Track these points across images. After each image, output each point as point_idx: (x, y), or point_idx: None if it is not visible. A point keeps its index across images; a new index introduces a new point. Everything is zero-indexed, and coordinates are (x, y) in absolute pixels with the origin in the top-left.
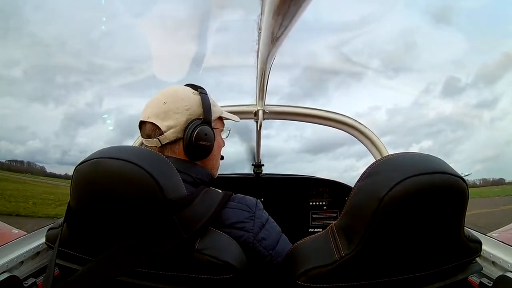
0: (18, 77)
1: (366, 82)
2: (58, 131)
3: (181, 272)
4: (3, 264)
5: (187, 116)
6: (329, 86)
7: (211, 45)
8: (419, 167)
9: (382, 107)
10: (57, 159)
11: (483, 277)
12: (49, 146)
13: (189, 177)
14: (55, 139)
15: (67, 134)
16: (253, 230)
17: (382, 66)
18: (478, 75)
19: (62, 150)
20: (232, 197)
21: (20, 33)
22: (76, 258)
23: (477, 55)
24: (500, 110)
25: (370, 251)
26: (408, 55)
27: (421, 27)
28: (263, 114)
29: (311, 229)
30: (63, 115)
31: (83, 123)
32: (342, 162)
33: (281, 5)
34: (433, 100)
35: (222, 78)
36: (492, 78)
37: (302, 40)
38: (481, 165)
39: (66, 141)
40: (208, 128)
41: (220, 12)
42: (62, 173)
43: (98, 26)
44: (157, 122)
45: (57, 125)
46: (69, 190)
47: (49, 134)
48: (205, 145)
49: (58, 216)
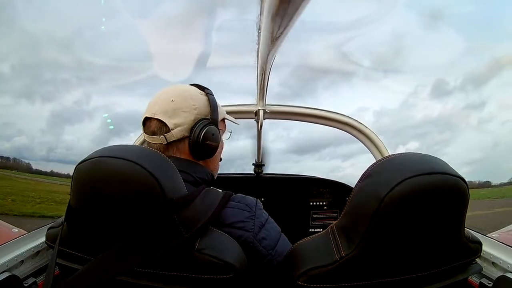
0: (6, 72)
1: (355, 83)
2: (44, 128)
3: (181, 272)
4: (3, 264)
5: (195, 115)
6: (318, 86)
7: (212, 45)
8: (420, 167)
9: (369, 108)
10: (43, 156)
11: (483, 277)
12: (36, 143)
13: (190, 177)
14: (42, 136)
15: (53, 131)
16: (253, 229)
17: (371, 68)
18: (466, 78)
19: (48, 147)
20: (232, 197)
21: (9, 27)
22: (76, 258)
23: (466, 59)
24: (487, 113)
25: (370, 251)
26: (398, 57)
27: (412, 30)
28: (263, 114)
29: (311, 229)
30: (50, 112)
31: (70, 121)
32: (328, 163)
33: (280, 6)
34: (421, 102)
35: (222, 78)
36: (480, 82)
37: (294, 40)
38: (468, 167)
39: (53, 139)
40: (215, 129)
41: (220, 12)
42: (48, 170)
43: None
44: (164, 119)
45: (44, 122)
46: (53, 187)
47: (36, 131)
48: (212, 145)
49: (35, 214)
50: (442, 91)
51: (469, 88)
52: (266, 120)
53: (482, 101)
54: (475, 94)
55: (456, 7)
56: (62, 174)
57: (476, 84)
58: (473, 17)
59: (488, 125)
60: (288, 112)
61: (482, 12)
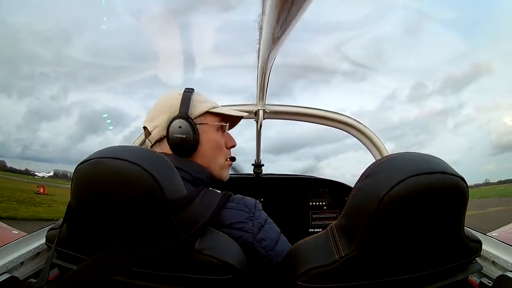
0: None
1: (334, 84)
2: (20, 124)
3: (180, 273)
4: (3, 265)
5: (169, 114)
6: (295, 86)
7: (212, 45)
8: (419, 167)
9: (346, 109)
10: (18, 153)
11: (483, 276)
12: (11, 140)
13: (189, 175)
14: (17, 132)
15: (29, 127)
16: (253, 230)
17: (350, 70)
18: (445, 82)
19: (24, 144)
20: (231, 198)
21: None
22: (75, 259)
23: (446, 64)
24: (463, 116)
25: (370, 251)
26: (378, 60)
27: (393, 34)
28: (263, 113)
29: (311, 229)
30: (26, 107)
31: (47, 117)
32: (303, 163)
33: (282, 5)
34: (398, 105)
35: (222, 78)
36: (458, 86)
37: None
38: None
39: (28, 135)
40: (183, 121)
41: (221, 12)
42: (23, 168)
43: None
44: (147, 124)
45: (20, 118)
46: (20, 186)
47: (11, 127)
48: (182, 138)
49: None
50: (420, 94)
51: (447, 92)
52: (242, 120)
53: (460, 104)
54: (452, 98)
55: (439, 13)
56: (36, 175)
57: (455, 88)
58: (455, 24)
59: (464, 128)
60: (288, 112)
61: (464, 20)
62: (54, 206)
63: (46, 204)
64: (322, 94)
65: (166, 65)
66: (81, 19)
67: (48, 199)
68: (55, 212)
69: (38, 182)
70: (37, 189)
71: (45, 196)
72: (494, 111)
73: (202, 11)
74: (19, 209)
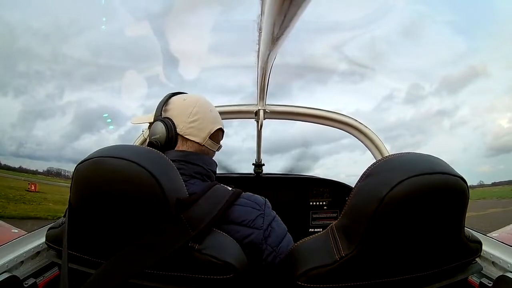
0: None
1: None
2: (15, 122)
3: (181, 272)
4: (3, 264)
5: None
6: (293, 87)
7: (212, 45)
8: (419, 167)
9: (343, 110)
10: (13, 151)
11: (483, 277)
12: (5, 138)
13: (203, 169)
14: (12, 130)
15: (24, 126)
16: (263, 227)
17: (349, 70)
18: (442, 84)
19: (19, 142)
20: (241, 195)
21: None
22: (75, 259)
23: (443, 65)
24: (459, 117)
25: (370, 251)
26: (376, 61)
27: (392, 36)
28: (263, 113)
29: (311, 229)
30: (21, 105)
31: (42, 115)
32: (299, 162)
33: (281, 5)
34: (395, 106)
35: (220, 78)
36: (455, 88)
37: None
38: None
39: (23, 133)
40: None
41: (220, 12)
42: (17, 166)
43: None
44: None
45: (15, 116)
46: (11, 183)
47: (6, 126)
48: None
49: None
50: (417, 96)
51: (444, 93)
52: (237, 120)
53: (456, 106)
54: (449, 99)
55: (436, 15)
56: (29, 170)
57: (451, 90)
58: (451, 26)
59: (459, 130)
60: (288, 112)
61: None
62: (44, 203)
63: (36, 202)
64: (318, 94)
65: (164, 65)
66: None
67: (39, 197)
68: (44, 210)
69: (30, 180)
70: (29, 186)
71: (36, 193)
72: (490, 113)
73: (202, 11)
74: (7, 207)
